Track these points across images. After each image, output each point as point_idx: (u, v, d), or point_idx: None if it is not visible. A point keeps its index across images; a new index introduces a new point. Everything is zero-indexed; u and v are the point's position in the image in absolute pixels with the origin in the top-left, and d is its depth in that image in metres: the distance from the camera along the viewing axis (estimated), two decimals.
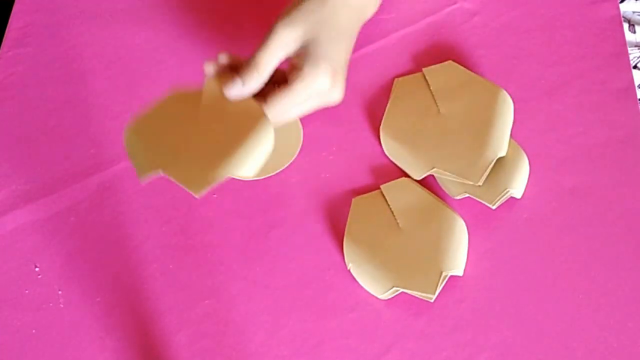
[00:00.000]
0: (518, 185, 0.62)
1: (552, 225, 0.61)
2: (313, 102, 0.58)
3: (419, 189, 0.63)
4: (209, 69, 0.58)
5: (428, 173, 0.63)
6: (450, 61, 0.68)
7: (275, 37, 0.56)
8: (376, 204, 0.63)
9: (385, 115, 0.67)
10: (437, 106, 0.66)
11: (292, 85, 0.56)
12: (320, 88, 0.57)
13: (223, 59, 0.58)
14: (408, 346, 0.58)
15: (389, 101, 0.68)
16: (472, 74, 0.67)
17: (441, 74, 0.67)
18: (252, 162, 0.53)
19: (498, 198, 0.61)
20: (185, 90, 0.58)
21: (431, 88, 0.67)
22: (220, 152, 0.53)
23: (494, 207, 0.61)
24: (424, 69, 0.68)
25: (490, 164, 0.61)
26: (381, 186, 0.64)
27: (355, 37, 0.61)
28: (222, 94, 0.56)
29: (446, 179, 0.63)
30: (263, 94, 0.57)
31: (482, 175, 0.61)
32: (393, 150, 0.66)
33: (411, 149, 0.65)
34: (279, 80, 0.58)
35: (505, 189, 0.61)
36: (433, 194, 0.63)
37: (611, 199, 0.62)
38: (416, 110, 0.66)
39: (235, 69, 0.57)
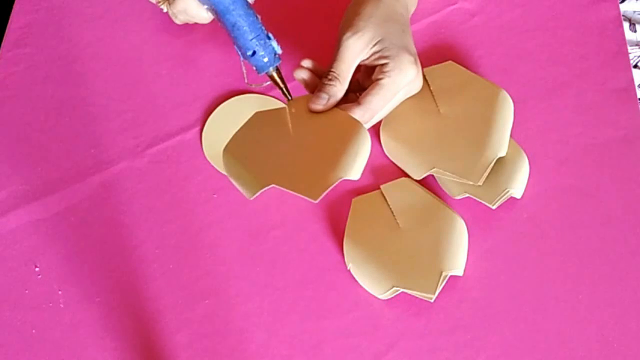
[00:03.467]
0: (518, 185, 0.62)
1: (552, 225, 0.61)
2: (400, 95, 0.61)
3: (419, 189, 0.63)
4: (301, 75, 0.61)
5: (428, 173, 0.63)
6: (450, 61, 0.68)
7: (347, 48, 0.59)
8: (376, 204, 0.63)
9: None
10: (437, 106, 0.66)
11: (382, 81, 0.58)
12: (408, 78, 0.59)
13: (307, 64, 0.62)
14: (408, 346, 0.58)
15: None
16: (472, 74, 0.67)
17: (441, 74, 0.67)
18: (358, 164, 0.56)
19: (498, 198, 0.61)
20: (268, 110, 0.61)
21: (431, 88, 0.66)
22: (326, 159, 0.56)
23: (494, 207, 0.61)
24: (424, 69, 0.68)
25: (490, 164, 0.61)
26: (381, 186, 0.64)
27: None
28: (307, 108, 0.59)
29: (446, 179, 0.63)
30: (342, 101, 0.60)
31: (482, 175, 0.61)
32: (393, 150, 0.66)
33: (411, 149, 0.64)
34: (354, 88, 0.61)
35: (505, 189, 0.61)
36: (433, 194, 0.63)
37: (611, 198, 0.62)
38: (416, 110, 0.66)
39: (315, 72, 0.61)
